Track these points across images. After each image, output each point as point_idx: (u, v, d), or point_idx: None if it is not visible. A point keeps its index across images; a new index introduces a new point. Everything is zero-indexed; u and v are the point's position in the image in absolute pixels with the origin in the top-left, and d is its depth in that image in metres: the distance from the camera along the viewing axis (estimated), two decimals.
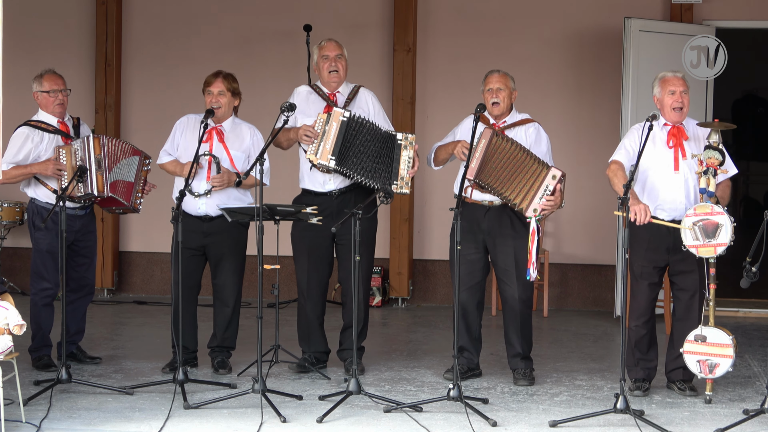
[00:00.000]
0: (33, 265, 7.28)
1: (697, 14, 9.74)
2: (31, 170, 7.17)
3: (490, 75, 7.10)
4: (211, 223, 7.13)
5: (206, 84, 7.18)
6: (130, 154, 7.29)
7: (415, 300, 10.22)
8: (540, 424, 6.12)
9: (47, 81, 7.28)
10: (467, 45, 10.07)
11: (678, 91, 6.74)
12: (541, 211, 6.78)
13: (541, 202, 6.77)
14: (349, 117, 6.98)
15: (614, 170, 6.70)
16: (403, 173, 7.04)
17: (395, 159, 7.04)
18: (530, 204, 6.79)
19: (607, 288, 9.90)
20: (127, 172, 7.27)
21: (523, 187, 6.81)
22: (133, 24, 10.47)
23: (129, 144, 7.38)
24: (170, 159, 7.23)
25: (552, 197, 6.79)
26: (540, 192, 6.78)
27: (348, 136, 6.97)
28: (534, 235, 6.76)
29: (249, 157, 7.17)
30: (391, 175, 7.03)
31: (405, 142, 7.06)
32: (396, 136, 7.08)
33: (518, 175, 6.81)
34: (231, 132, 7.19)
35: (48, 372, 7.10)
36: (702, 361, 6.54)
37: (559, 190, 6.82)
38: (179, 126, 7.28)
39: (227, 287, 7.23)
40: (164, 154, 7.26)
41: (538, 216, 6.77)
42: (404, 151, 7.05)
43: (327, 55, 7.21)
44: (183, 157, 7.18)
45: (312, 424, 6.06)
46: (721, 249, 6.46)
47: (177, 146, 7.22)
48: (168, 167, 7.24)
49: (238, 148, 7.17)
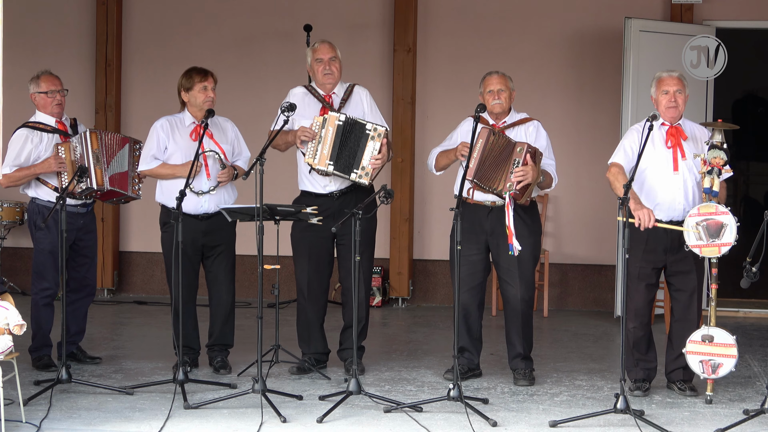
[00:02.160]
0: (34, 265, 7.28)
1: (697, 14, 9.74)
2: (34, 171, 7.18)
3: (490, 76, 7.09)
4: (208, 221, 7.14)
5: (197, 81, 7.11)
6: (122, 145, 7.29)
7: (415, 300, 10.22)
8: (540, 424, 6.11)
9: (44, 82, 7.29)
10: (467, 45, 10.07)
11: (671, 91, 6.74)
12: (517, 184, 6.76)
13: (513, 176, 6.77)
14: (344, 121, 6.99)
15: (615, 173, 6.69)
16: (365, 163, 6.99)
17: (360, 148, 7.01)
18: (506, 182, 6.79)
19: (607, 288, 9.90)
20: (122, 162, 7.28)
21: (503, 172, 6.82)
22: (133, 24, 10.47)
23: (119, 135, 7.40)
24: (159, 163, 7.18)
25: (522, 168, 6.76)
26: (511, 167, 6.78)
27: (344, 140, 6.98)
28: (508, 209, 6.75)
29: (234, 148, 7.26)
30: (353, 163, 6.99)
31: (374, 132, 7.01)
32: (366, 126, 7.03)
33: (502, 164, 6.82)
34: (214, 127, 7.20)
35: (48, 372, 7.10)
36: (705, 362, 6.54)
37: (530, 161, 6.79)
38: (161, 129, 7.18)
39: (225, 284, 7.24)
40: (151, 159, 7.16)
41: (512, 190, 6.76)
42: (371, 141, 7.00)
43: (321, 58, 7.21)
44: (174, 159, 7.15)
45: (312, 424, 6.06)
46: (725, 249, 6.45)
47: (164, 149, 7.19)
48: (161, 171, 7.15)
49: (225, 142, 7.21)
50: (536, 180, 6.88)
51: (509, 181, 6.78)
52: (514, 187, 6.76)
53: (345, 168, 6.98)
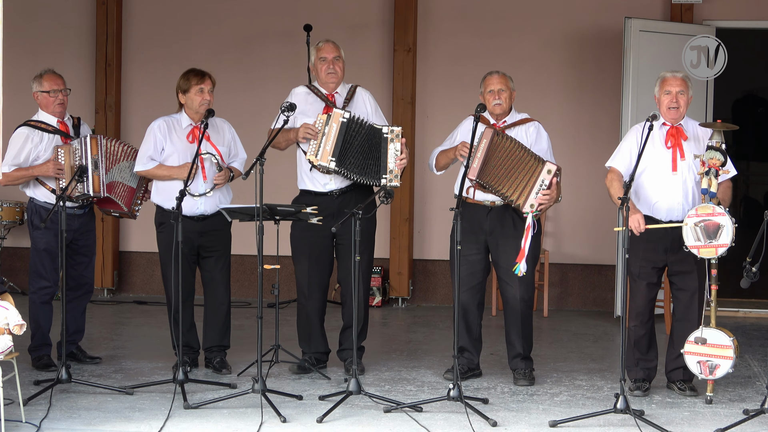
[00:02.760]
0: (31, 264, 7.28)
1: (697, 14, 9.74)
2: (32, 172, 7.17)
3: (490, 76, 7.09)
4: (204, 222, 7.14)
5: (194, 83, 7.10)
6: (133, 158, 7.28)
7: (415, 300, 10.22)
8: (540, 424, 6.12)
9: (47, 81, 7.28)
10: (467, 45, 10.07)
11: (674, 92, 6.74)
12: (539, 206, 6.78)
13: (537, 197, 6.77)
14: (348, 118, 6.98)
15: (611, 180, 6.73)
16: (392, 166, 7.02)
17: (383, 153, 7.03)
18: (527, 200, 6.79)
19: (607, 288, 9.90)
20: (129, 176, 7.27)
21: (519, 183, 6.81)
22: (133, 24, 10.47)
23: (134, 149, 7.34)
24: (156, 164, 7.17)
25: (548, 191, 6.79)
26: (536, 187, 6.78)
27: (348, 137, 6.97)
28: (529, 231, 6.76)
29: (230, 150, 7.23)
30: (380, 169, 7.02)
31: (391, 135, 7.03)
32: (382, 130, 7.06)
33: (516, 172, 6.82)
34: (212, 129, 7.18)
35: (48, 372, 7.10)
36: (702, 362, 6.54)
37: (555, 184, 6.81)
38: (158, 130, 7.16)
39: (221, 285, 7.24)
40: (148, 160, 7.15)
41: (536, 211, 6.78)
42: (391, 144, 7.02)
43: (325, 57, 7.21)
44: (171, 160, 7.14)
45: (312, 424, 6.06)
46: (722, 250, 6.45)
47: (161, 150, 7.18)
48: (157, 172, 7.14)
49: (222, 144, 7.19)
50: (555, 201, 6.91)
51: (531, 200, 6.76)
52: (537, 208, 6.76)
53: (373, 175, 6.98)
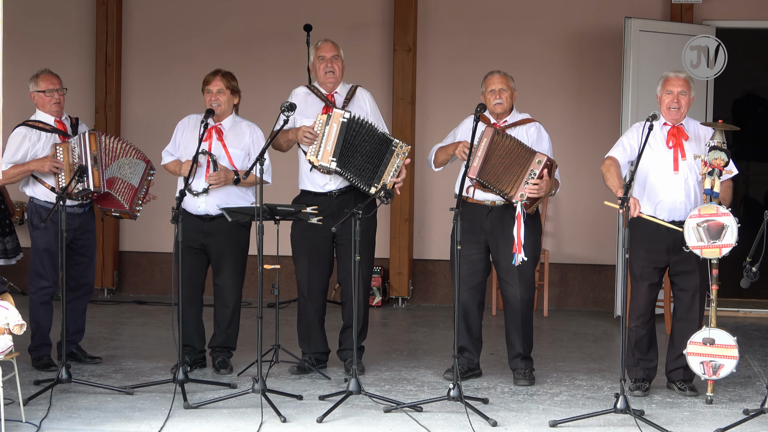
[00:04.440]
0: (31, 264, 7.29)
1: (697, 14, 9.74)
2: (28, 168, 7.18)
3: (491, 76, 7.09)
4: (211, 223, 7.13)
5: (205, 83, 7.20)
6: (135, 157, 7.31)
7: (415, 300, 10.22)
8: (540, 424, 6.12)
9: (43, 81, 7.29)
10: (467, 45, 10.07)
11: (675, 92, 6.74)
12: (529, 197, 6.77)
13: (527, 187, 6.77)
14: (349, 118, 6.98)
15: (607, 165, 6.70)
16: (386, 179, 7.02)
17: (384, 162, 7.03)
18: (518, 190, 6.79)
19: (607, 288, 9.90)
20: (131, 173, 7.29)
21: (513, 177, 6.82)
22: (133, 24, 10.47)
23: (135, 148, 7.38)
24: (172, 159, 7.26)
25: (538, 181, 6.78)
26: (526, 176, 6.79)
27: (348, 138, 6.97)
28: (519, 219, 6.75)
29: (249, 155, 7.18)
30: (374, 176, 7.02)
31: (399, 150, 7.04)
32: (392, 141, 7.07)
33: (513, 167, 6.82)
34: (230, 130, 7.19)
35: (48, 372, 7.10)
36: (706, 363, 6.53)
37: (546, 176, 6.80)
38: (181, 126, 7.31)
39: (227, 288, 7.22)
40: (166, 154, 7.30)
41: (524, 200, 6.76)
42: (396, 158, 7.03)
43: (323, 56, 7.22)
44: (183, 156, 7.19)
45: (312, 424, 6.06)
46: (726, 250, 6.44)
47: (178, 146, 7.25)
48: (169, 167, 7.28)
49: (236, 146, 7.17)
50: (548, 193, 6.90)
51: (521, 190, 6.78)
52: (525, 197, 6.77)
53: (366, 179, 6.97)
